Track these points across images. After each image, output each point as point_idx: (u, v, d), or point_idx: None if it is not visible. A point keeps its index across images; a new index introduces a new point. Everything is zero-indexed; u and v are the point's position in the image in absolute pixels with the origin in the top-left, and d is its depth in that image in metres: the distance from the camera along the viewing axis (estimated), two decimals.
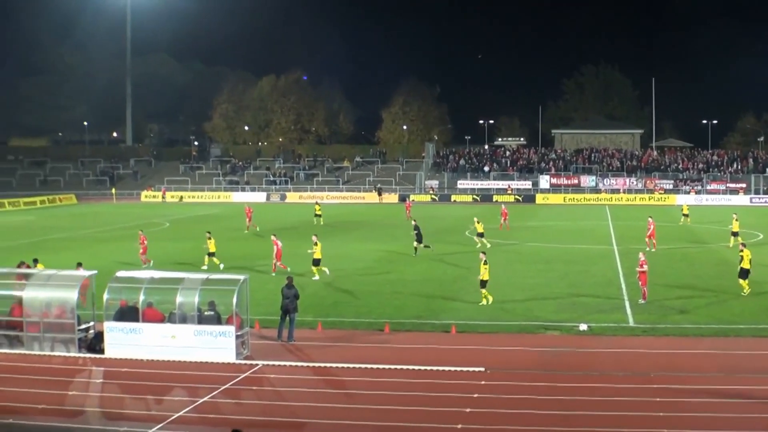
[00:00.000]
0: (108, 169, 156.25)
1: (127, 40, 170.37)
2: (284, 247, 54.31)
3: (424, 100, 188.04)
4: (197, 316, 32.61)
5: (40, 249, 66.05)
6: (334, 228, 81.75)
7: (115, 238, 73.75)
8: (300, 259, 56.00)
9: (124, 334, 32.89)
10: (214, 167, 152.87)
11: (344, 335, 36.12)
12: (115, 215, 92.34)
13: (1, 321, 34.55)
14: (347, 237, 73.75)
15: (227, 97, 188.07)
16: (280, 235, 57.57)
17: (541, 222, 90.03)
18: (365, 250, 63.34)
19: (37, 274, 35.89)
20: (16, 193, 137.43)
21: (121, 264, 53.61)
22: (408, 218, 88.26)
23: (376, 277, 51.00)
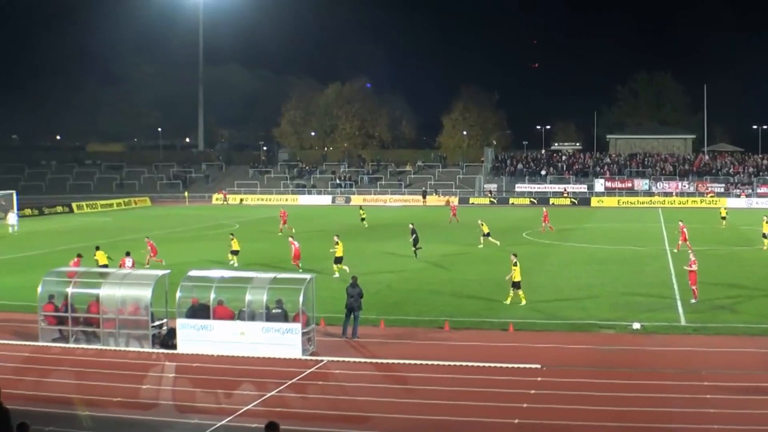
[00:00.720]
0: (180, 173, 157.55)
1: (199, 50, 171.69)
2: (351, 247, 54.39)
3: (483, 107, 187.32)
4: (265, 314, 32.79)
5: (115, 248, 66.70)
6: (397, 230, 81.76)
7: (188, 239, 74.40)
8: (359, 258, 56.10)
9: (196, 331, 33.15)
10: (281, 171, 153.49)
11: (406, 332, 36.15)
12: (188, 217, 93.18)
13: (79, 318, 35.05)
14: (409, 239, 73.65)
15: (295, 103, 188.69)
16: (343, 236, 57.71)
17: (596, 224, 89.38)
18: (427, 250, 63.24)
19: (114, 273, 36.28)
20: (93, 195, 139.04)
21: (193, 263, 54.05)
22: (453, 218, 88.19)
23: (437, 277, 50.95)
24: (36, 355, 33.41)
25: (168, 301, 35.18)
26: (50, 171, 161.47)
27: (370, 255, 62.11)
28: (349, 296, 35.01)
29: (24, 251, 66.93)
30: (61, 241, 73.73)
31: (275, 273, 35.93)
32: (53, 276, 36.93)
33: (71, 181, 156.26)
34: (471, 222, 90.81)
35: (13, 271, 56.00)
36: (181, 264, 53.49)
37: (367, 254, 62.51)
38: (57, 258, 61.22)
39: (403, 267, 55.29)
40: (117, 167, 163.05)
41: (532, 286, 47.18)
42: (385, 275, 51.68)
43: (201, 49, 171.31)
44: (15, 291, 47.27)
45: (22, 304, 42.37)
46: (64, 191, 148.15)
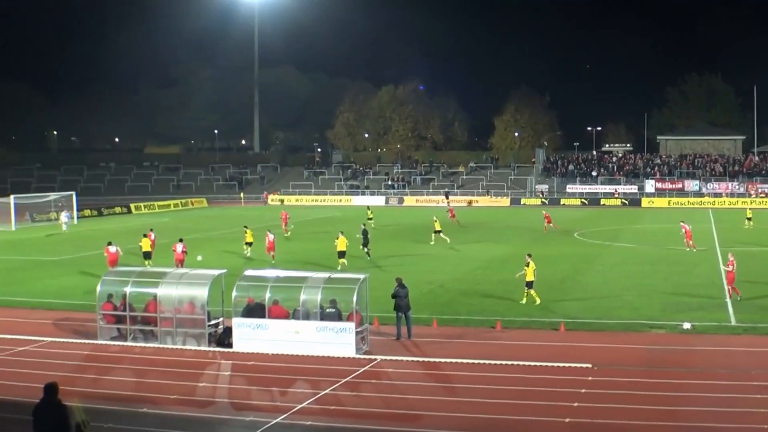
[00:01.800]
0: (236, 174, 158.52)
1: (254, 54, 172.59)
2: (403, 248, 54.41)
3: (534, 108, 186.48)
4: (320, 313, 32.88)
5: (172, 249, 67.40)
6: (449, 230, 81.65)
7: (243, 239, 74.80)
8: (412, 258, 56.08)
9: (251, 330, 33.33)
10: (335, 172, 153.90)
11: (458, 332, 36.11)
12: (243, 217, 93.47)
13: (137, 316, 35.39)
14: (462, 239, 73.54)
15: (348, 106, 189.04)
16: (397, 236, 57.77)
17: (647, 225, 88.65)
18: (478, 250, 63.11)
19: (171, 272, 36.52)
20: (151, 196, 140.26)
21: (249, 262, 54.37)
22: (452, 219, 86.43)
23: (489, 278, 50.83)
24: (95, 353, 33.79)
25: (224, 301, 35.41)
26: (109, 173, 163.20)
27: (423, 255, 62.09)
28: (397, 297, 34.97)
29: (83, 251, 67.71)
30: (120, 241, 74.26)
31: (329, 273, 36.04)
32: (112, 275, 37.40)
33: (129, 182, 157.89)
34: (519, 223, 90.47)
35: (72, 271, 56.67)
36: (236, 263, 53.86)
37: (419, 254, 62.51)
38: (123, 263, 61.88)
39: (455, 267, 55.23)
40: (174, 169, 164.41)
41: (582, 286, 47.00)
42: (438, 275, 51.65)
43: (256, 52, 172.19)
44: (74, 290, 47.86)
45: (81, 303, 42.91)
46: (122, 192, 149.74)
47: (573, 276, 50.99)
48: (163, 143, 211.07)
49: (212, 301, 34.69)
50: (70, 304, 43.47)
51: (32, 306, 43.62)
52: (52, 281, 52.41)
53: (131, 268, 39.71)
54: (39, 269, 58.44)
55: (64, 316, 40.79)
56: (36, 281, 52.57)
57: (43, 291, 48.27)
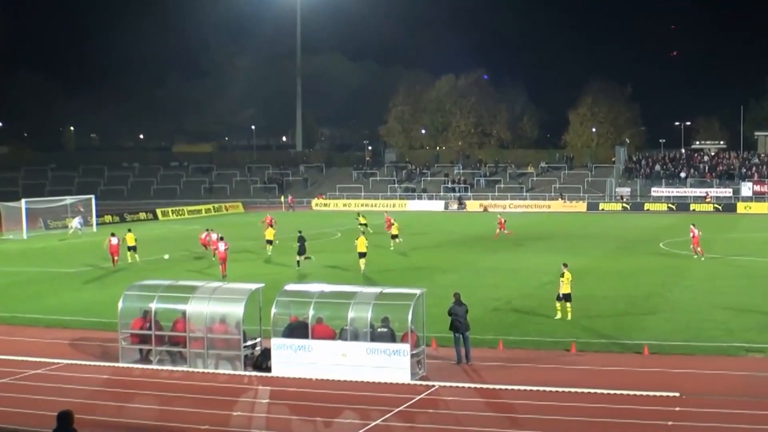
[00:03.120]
0: (276, 175, 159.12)
1: (297, 39, 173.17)
2: (465, 260, 54.26)
3: (614, 101, 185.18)
4: (370, 333, 32.92)
5: (204, 259, 67.81)
6: (516, 239, 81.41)
7: (284, 249, 75.10)
8: (474, 272, 55.96)
9: (293, 352, 33.44)
10: (388, 173, 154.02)
11: (527, 355, 36.00)
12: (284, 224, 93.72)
13: (163, 336, 35.62)
14: (531, 249, 73.34)
15: (403, 98, 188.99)
16: (458, 245, 57.65)
17: (743, 233, 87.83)
18: (550, 263, 62.90)
19: (203, 286, 36.68)
20: (180, 201, 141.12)
21: (290, 276, 54.57)
22: (388, 231, 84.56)
23: None
24: (116, 377, 34.08)
25: (262, 319, 35.56)
26: (133, 174, 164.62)
27: (487, 268, 62.00)
28: (454, 315, 34.88)
29: (103, 262, 68.29)
30: (145, 251, 75.03)
31: (381, 287, 36.04)
32: (136, 290, 37.55)
33: (155, 184, 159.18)
34: (597, 231, 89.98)
35: (91, 285, 57.25)
36: (276, 277, 54.07)
37: (483, 267, 62.42)
38: (139, 270, 62.42)
39: (524, 282, 55.08)
40: (206, 169, 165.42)
41: (669, 304, 46.65)
42: (504, 291, 51.53)
43: (299, 37, 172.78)
44: (94, 306, 48.32)
45: (101, 321, 43.31)
46: (147, 196, 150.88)
47: (658, 292, 50.63)
48: (194, 141, 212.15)
49: (249, 319, 34.83)
50: (89, 322, 43.92)
51: (46, 324, 44.12)
52: (68, 296, 52.97)
53: (158, 281, 39.90)
54: (54, 282, 59.08)
55: (82, 335, 41.22)
56: (51, 296, 53.16)
57: (58, 307, 48.79)
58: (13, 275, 62.75)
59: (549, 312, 43.82)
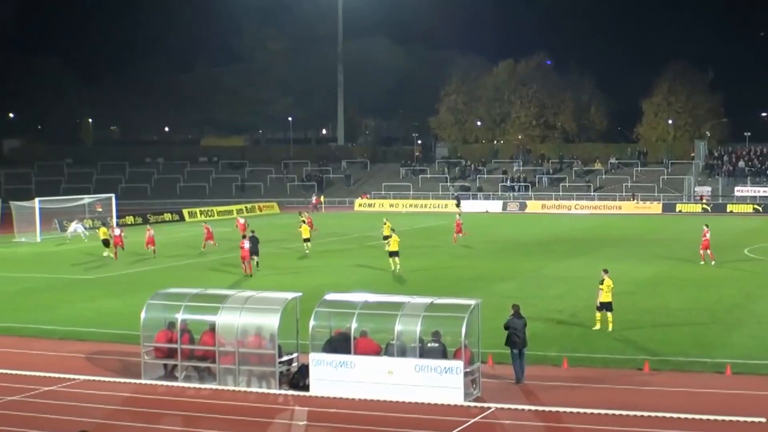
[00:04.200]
0: (315, 172, 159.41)
1: (338, 21, 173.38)
2: (528, 267, 54.14)
3: (693, 88, 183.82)
4: (419, 348, 32.88)
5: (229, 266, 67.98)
6: (582, 244, 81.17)
7: (325, 254, 75.20)
8: (536, 280, 55.80)
9: (333, 368, 33.47)
10: (440, 170, 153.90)
11: (594, 375, 35.85)
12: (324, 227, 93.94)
13: (189, 350, 35.75)
14: (600, 255, 73.01)
15: (456, 86, 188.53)
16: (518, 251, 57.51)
17: None
18: (621, 271, 62.58)
19: (234, 295, 36.73)
20: (209, 200, 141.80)
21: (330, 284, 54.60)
22: (460, 234, 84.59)
23: (634, 304, 50.33)
24: (138, 395, 34.26)
25: (299, 331, 35.62)
26: (157, 170, 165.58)
27: (550, 276, 61.84)
28: (511, 329, 34.72)
29: (124, 268, 68.73)
30: (169, 255, 75.44)
31: (432, 297, 35.98)
32: (159, 299, 37.71)
33: (182, 182, 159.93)
34: (674, 235, 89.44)
35: (111, 293, 57.59)
36: (316, 285, 54.15)
37: (545, 275, 62.28)
38: (164, 276, 62.76)
39: (591, 292, 54.70)
40: (237, 165, 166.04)
41: (755, 318, 46.31)
42: (568, 302, 51.35)
43: (340, 19, 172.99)
44: (114, 316, 48.64)
45: (121, 333, 43.58)
46: (173, 195, 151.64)
47: (743, 304, 50.24)
48: (224, 133, 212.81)
49: (284, 332, 34.90)
50: (108, 334, 44.21)
51: (61, 336, 44.47)
52: (85, 305, 53.34)
53: (184, 289, 39.98)
54: (70, 290, 59.54)
55: (100, 348, 41.52)
56: (66, 305, 53.55)
57: (74, 317, 49.17)
58: (24, 282, 63.28)
59: (618, 325, 43.57)
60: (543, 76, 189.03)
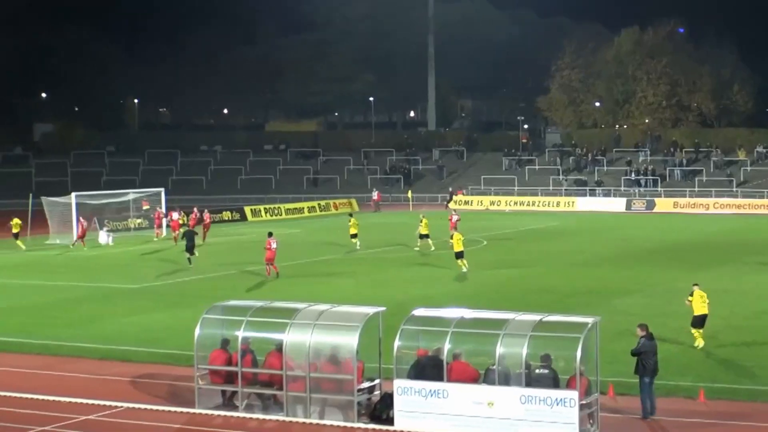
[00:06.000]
0: (401, 163, 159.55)
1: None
2: (658, 278, 53.69)
3: None
4: (525, 375, 32.75)
5: (303, 276, 68.33)
6: (723, 250, 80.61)
7: (410, 261, 75.26)
8: (665, 293, 55.52)
9: (422, 398, 33.42)
10: (550, 161, 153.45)
11: (738, 410, 35.50)
12: (413, 228, 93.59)
13: (252, 374, 35.86)
14: (745, 264, 72.40)
15: (570, 60, 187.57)
16: (645, 259, 57.22)
17: None
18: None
19: (305, 310, 36.70)
20: (275, 196, 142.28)
21: (419, 298, 54.62)
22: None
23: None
24: (191, 426, 34.54)
25: (382, 353, 35.65)
26: (214, 160, 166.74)
27: (684, 290, 61.23)
28: (642, 353, 34.45)
29: (177, 276, 69.26)
30: (229, 261, 75.88)
31: (541, 314, 35.82)
32: (217, 312, 37.86)
33: (244, 174, 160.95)
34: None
35: (160, 305, 58.08)
36: (402, 298, 54.21)
37: (678, 288, 61.68)
38: (222, 285, 63.16)
39: (733, 309, 54.31)
40: (309, 155, 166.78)
41: None
42: (708, 321, 50.83)
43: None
44: (163, 333, 49.11)
45: (172, 353, 43.97)
46: (233, 189, 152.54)
47: None
48: (293, 117, 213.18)
49: (365, 354, 34.94)
50: (157, 354, 44.64)
51: (102, 355, 44.92)
52: (130, 319, 53.84)
53: (246, 301, 40.12)
54: (112, 301, 60.13)
55: (148, 370, 41.87)
56: (108, 319, 54.09)
57: (117, 333, 49.62)
58: (59, 292, 63.97)
59: None
60: (675, 47, 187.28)
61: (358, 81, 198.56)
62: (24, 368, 42.76)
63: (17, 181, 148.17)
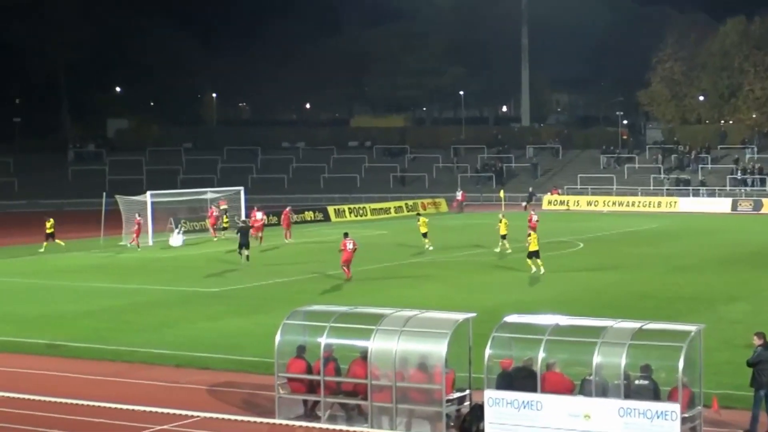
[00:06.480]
0: (493, 160, 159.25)
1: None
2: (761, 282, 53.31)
3: None
4: (624, 386, 32.51)
5: (389, 279, 68.35)
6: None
7: (498, 265, 75.09)
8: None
9: (514, 410, 33.24)
10: (651, 159, 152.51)
11: None
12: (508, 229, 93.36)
13: (335, 383, 35.79)
14: None
15: (672, 51, 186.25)
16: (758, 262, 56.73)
17: None
18: None
19: (391, 315, 36.55)
20: (360, 195, 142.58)
21: (511, 304, 54.49)
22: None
23: None
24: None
25: (472, 362, 35.52)
26: (296, 157, 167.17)
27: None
28: (759, 363, 34.10)
29: (257, 279, 69.41)
30: (311, 263, 75.97)
31: (641, 321, 35.51)
32: (298, 318, 37.84)
33: (327, 172, 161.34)
34: None
35: (240, 310, 58.25)
36: (493, 303, 54.09)
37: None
38: (304, 289, 63.26)
39: None
40: (396, 152, 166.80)
41: None
42: None
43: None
44: (242, 339, 49.27)
45: (251, 360, 44.16)
46: (316, 188, 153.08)
47: None
48: (379, 112, 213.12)
49: (454, 362, 34.81)
50: (235, 361, 44.77)
51: (178, 362, 45.11)
52: (207, 324, 54.06)
53: (329, 306, 40.07)
54: (189, 305, 60.41)
55: (226, 378, 42.00)
56: (185, 324, 54.38)
57: (194, 339, 49.87)
58: (133, 295, 64.39)
59: None
60: None
61: (448, 74, 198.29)
62: (95, 375, 43.04)
63: (90, 180, 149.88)
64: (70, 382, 41.93)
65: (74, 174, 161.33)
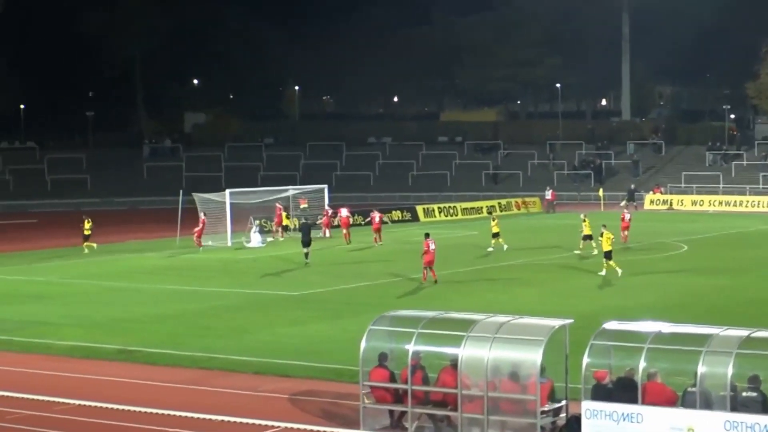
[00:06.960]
0: (592, 157, 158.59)
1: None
2: None
3: None
4: (730, 398, 32.24)
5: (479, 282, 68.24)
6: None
7: (595, 268, 74.83)
8: None
9: (613, 422, 33.03)
10: (760, 155, 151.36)
11: None
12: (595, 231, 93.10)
13: (423, 393, 35.73)
14: None
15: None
16: None
17: None
18: None
19: (483, 321, 36.38)
20: (450, 194, 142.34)
21: (612, 309, 54.29)
22: None
23: None
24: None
25: (568, 371, 35.41)
26: (383, 153, 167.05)
27: None
28: None
29: (340, 282, 69.54)
30: (397, 264, 75.97)
31: (750, 329, 35.22)
32: (385, 323, 37.75)
33: (415, 169, 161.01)
34: None
35: (323, 314, 58.40)
36: (592, 309, 53.93)
37: None
38: (389, 293, 63.28)
39: None
40: (488, 148, 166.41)
41: None
42: None
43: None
44: (326, 345, 49.41)
45: (334, 368, 44.26)
46: (403, 186, 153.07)
47: None
48: (471, 106, 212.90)
49: (549, 371, 34.61)
50: (318, 369, 44.82)
51: (257, 369, 45.35)
52: (289, 330, 54.28)
53: (417, 311, 39.97)
54: (269, 309, 60.71)
55: (308, 387, 42.11)
56: (264, 329, 54.62)
57: (274, 345, 50.05)
58: (212, 299, 64.71)
59: None
60: None
61: (544, 65, 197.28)
62: (170, 383, 43.36)
63: (166, 176, 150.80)
64: (142, 389, 42.23)
65: (149, 170, 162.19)
